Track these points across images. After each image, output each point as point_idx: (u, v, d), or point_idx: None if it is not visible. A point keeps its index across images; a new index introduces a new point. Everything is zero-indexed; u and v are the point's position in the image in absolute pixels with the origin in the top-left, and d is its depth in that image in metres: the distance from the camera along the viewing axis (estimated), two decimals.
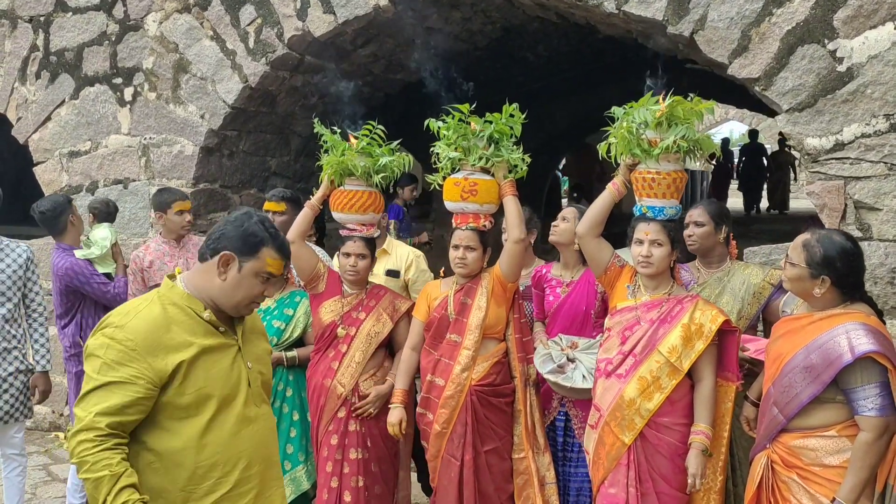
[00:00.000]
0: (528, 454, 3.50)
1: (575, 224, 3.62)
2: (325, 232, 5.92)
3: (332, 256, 4.45)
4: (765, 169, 15.72)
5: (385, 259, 4.32)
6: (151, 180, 5.96)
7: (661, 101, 3.05)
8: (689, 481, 2.92)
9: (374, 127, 3.70)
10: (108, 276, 4.75)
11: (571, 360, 3.49)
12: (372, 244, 3.77)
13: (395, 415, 3.55)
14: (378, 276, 4.17)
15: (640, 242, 3.06)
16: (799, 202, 18.10)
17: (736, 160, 17.35)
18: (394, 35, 5.74)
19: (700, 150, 3.09)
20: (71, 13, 6.19)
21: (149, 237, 5.92)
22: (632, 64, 8.60)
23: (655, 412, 2.96)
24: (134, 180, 6.04)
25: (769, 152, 16.17)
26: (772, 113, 4.44)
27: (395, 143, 3.70)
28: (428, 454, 3.59)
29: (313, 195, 3.82)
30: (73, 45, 6.20)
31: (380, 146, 3.69)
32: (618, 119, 3.18)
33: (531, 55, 7.75)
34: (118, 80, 6.05)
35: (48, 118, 6.37)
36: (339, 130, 3.78)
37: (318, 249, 4.35)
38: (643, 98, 3.13)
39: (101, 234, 4.76)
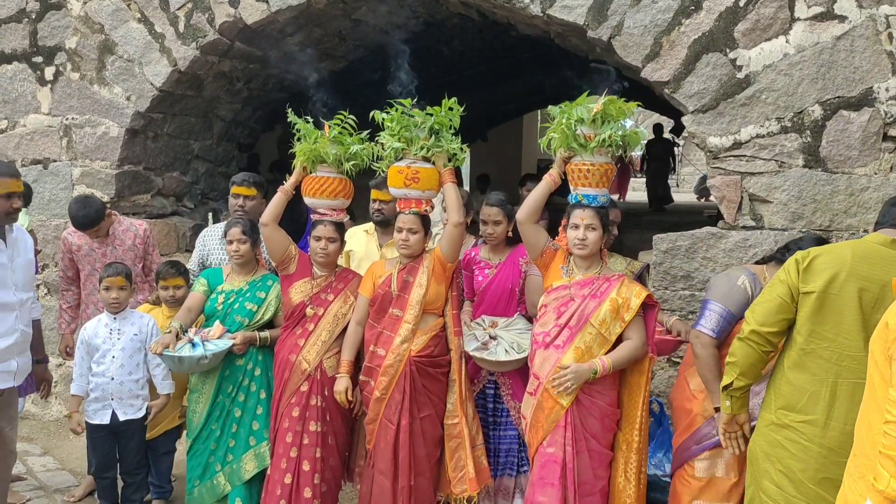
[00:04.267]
0: (461, 420, 3.79)
1: (507, 225, 4.02)
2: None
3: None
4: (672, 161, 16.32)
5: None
6: (74, 161, 5.92)
7: (597, 100, 3.41)
8: (560, 372, 3.32)
9: (345, 117, 3.89)
10: None
11: (493, 338, 3.83)
12: (341, 228, 3.97)
13: (342, 383, 3.78)
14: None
15: (576, 227, 3.41)
16: (680, 195, 19.24)
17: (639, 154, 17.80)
18: (323, 25, 5.93)
19: (629, 144, 3.47)
20: None
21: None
22: (539, 60, 9.09)
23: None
24: (55, 160, 5.98)
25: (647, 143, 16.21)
26: (667, 112, 4.89)
27: (365, 132, 3.90)
28: (367, 418, 3.83)
29: (286, 180, 3.98)
30: None
31: (350, 135, 3.89)
32: (555, 117, 3.52)
33: (446, 49, 8.04)
34: (38, 59, 5.96)
35: None
36: (311, 119, 3.95)
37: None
38: (580, 98, 3.48)
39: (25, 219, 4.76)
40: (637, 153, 17.70)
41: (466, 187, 14.17)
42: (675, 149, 16.66)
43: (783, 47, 4.32)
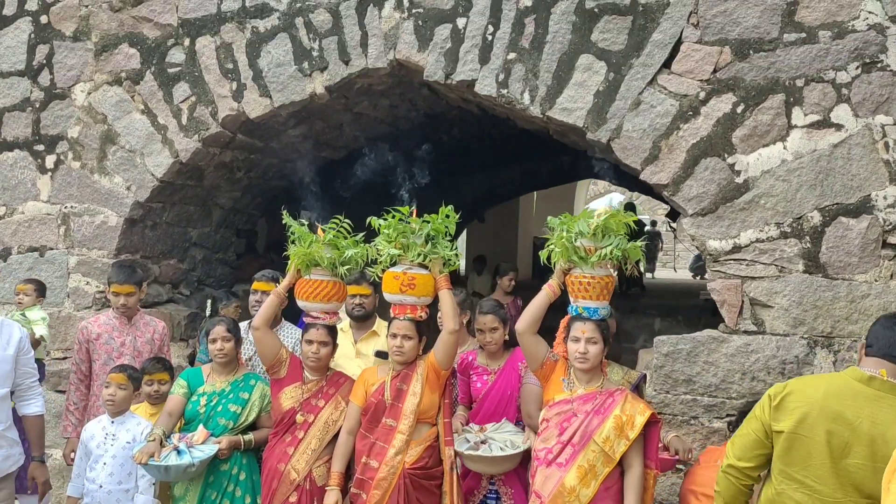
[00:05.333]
0: None
1: (504, 330, 4.00)
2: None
3: None
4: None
5: (374, 340, 4.46)
6: (71, 249, 5.89)
7: (596, 215, 3.42)
8: None
9: (340, 220, 3.89)
10: None
11: (483, 442, 3.76)
12: (334, 332, 3.94)
13: (331, 497, 3.67)
14: (367, 356, 4.30)
15: (577, 340, 3.37)
16: (664, 272, 19.34)
17: None
18: (324, 118, 5.99)
19: (629, 257, 3.46)
20: None
21: (63, 307, 5.85)
22: (533, 147, 9.20)
23: (592, 498, 3.24)
24: (51, 248, 5.95)
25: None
26: (648, 190, 4.87)
27: (360, 235, 3.89)
28: None
29: (279, 282, 3.96)
30: None
31: (345, 238, 3.88)
32: (554, 229, 3.52)
33: (446, 137, 8.15)
34: (40, 147, 6.00)
35: None
36: (306, 223, 3.95)
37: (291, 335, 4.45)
38: (582, 212, 3.49)
39: (41, 315, 4.72)
40: None
41: (463, 266, 14.22)
42: (669, 227, 16.84)
43: (781, 153, 4.37)
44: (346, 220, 3.91)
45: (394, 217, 3.74)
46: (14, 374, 3.75)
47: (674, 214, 14.71)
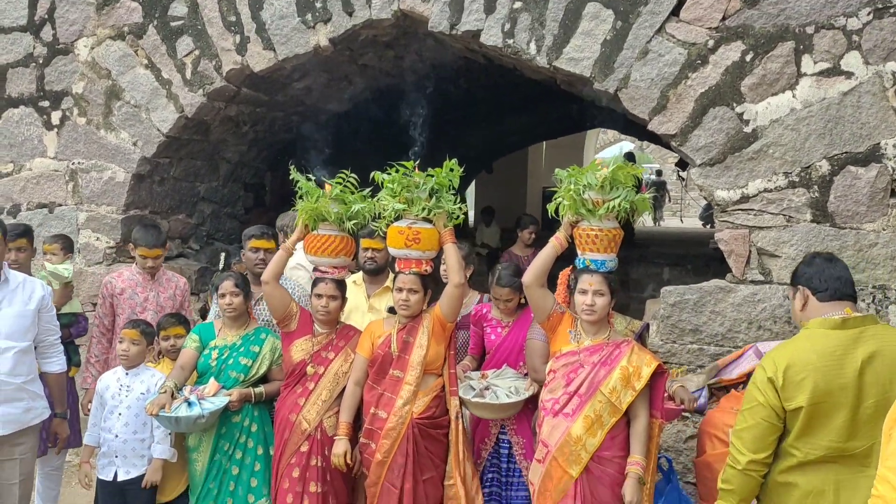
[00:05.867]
0: (457, 481, 3.76)
1: (518, 298, 4.00)
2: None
3: None
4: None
5: (388, 296, 4.49)
6: (80, 205, 5.92)
7: (604, 166, 3.41)
8: None
9: (347, 175, 3.89)
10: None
11: (487, 388, 3.81)
12: (343, 286, 3.96)
13: (340, 446, 3.75)
14: (380, 311, 4.35)
15: (584, 292, 3.39)
16: (686, 221, 19.33)
17: None
18: (329, 70, 5.94)
19: (637, 209, 3.46)
20: None
21: (74, 262, 5.89)
22: (541, 96, 9.11)
23: (599, 447, 3.29)
24: (60, 205, 5.98)
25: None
26: (657, 139, 4.82)
27: (367, 190, 3.89)
28: (368, 481, 3.79)
29: (287, 237, 3.97)
30: None
31: (352, 193, 3.88)
32: (562, 181, 3.51)
33: (452, 87, 8.04)
34: (45, 104, 5.98)
35: None
36: (313, 177, 3.95)
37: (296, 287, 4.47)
38: (590, 164, 3.47)
39: (64, 266, 4.76)
40: None
41: (472, 217, 14.20)
42: (678, 176, 16.82)
43: (790, 102, 4.32)
44: (353, 175, 3.91)
45: (397, 171, 3.73)
46: (35, 329, 3.82)
47: (683, 163, 14.65)
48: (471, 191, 15.66)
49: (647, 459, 3.34)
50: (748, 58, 4.37)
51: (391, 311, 3.99)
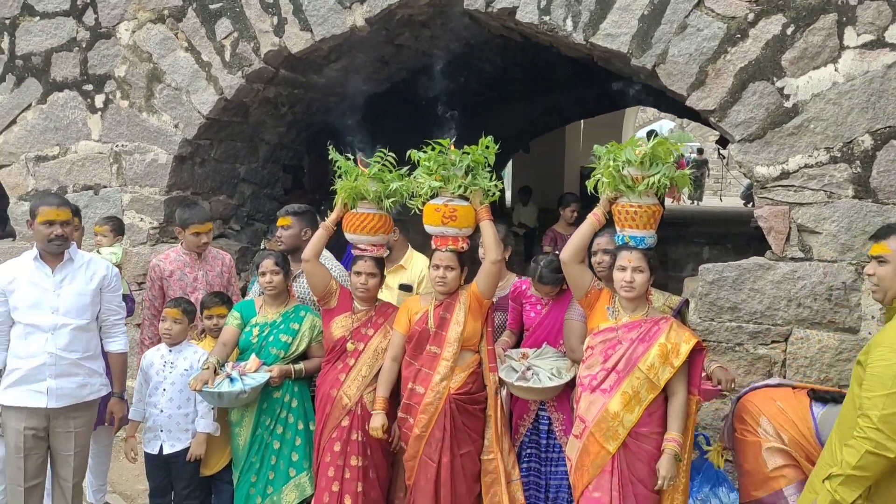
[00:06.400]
0: (497, 455, 3.80)
1: (560, 288, 3.99)
2: None
3: None
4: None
5: (401, 274, 4.54)
6: (124, 187, 6.05)
7: (643, 142, 3.39)
8: (660, 482, 3.28)
9: (384, 154, 3.92)
10: None
11: (529, 369, 3.83)
12: (381, 263, 4.01)
13: (377, 419, 3.80)
14: (392, 288, 4.39)
15: (623, 269, 3.38)
16: (726, 200, 19.08)
17: None
18: (365, 51, 5.96)
19: (677, 185, 3.44)
20: (38, 18, 6.21)
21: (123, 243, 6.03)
22: (579, 74, 9.03)
23: (636, 423, 3.30)
24: (105, 186, 6.12)
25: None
26: (698, 116, 4.76)
27: (405, 168, 3.93)
28: (406, 455, 3.86)
29: (328, 216, 4.03)
30: (40, 50, 6.22)
31: (390, 172, 3.92)
32: (600, 157, 3.50)
33: (488, 66, 8.04)
34: (88, 87, 6.10)
35: (13, 122, 6.37)
36: (352, 157, 3.98)
37: (335, 266, 4.52)
38: (629, 140, 3.46)
39: (112, 250, 4.87)
40: None
41: (508, 197, 14.18)
42: (719, 154, 16.62)
43: (832, 76, 4.24)
44: (391, 154, 3.94)
45: (433, 149, 3.76)
46: (96, 308, 3.95)
47: (724, 141, 14.44)
48: (508, 170, 15.60)
49: (684, 436, 3.34)
50: (789, 31, 4.29)
51: (403, 287, 4.01)
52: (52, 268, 3.84)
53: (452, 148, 3.75)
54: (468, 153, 3.74)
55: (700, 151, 22.05)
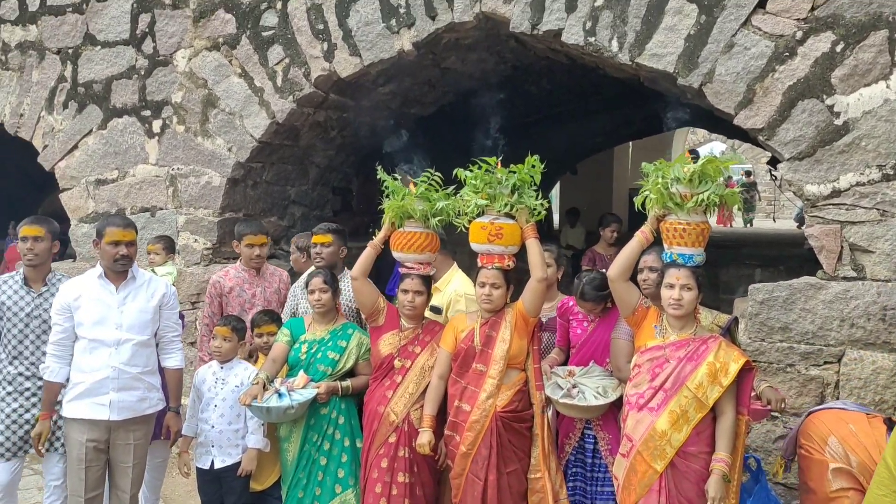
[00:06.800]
0: (544, 474, 3.79)
1: (603, 306, 3.99)
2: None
3: None
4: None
5: (436, 295, 4.59)
6: (179, 209, 6.22)
7: (692, 160, 3.39)
8: (709, 503, 3.24)
9: (431, 174, 3.99)
10: None
11: (574, 386, 3.83)
12: (428, 282, 4.07)
13: (425, 436, 3.83)
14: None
15: (671, 286, 3.37)
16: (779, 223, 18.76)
17: None
18: (413, 75, 6.07)
19: (726, 203, 3.43)
20: (99, 47, 6.46)
21: (176, 262, 6.20)
22: (627, 95, 9.03)
23: (684, 442, 3.27)
24: (161, 208, 6.30)
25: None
26: (748, 137, 4.74)
27: (451, 188, 3.99)
28: (452, 473, 3.87)
29: (375, 235, 4.10)
30: (101, 78, 6.47)
31: (436, 191, 3.98)
32: (648, 174, 3.50)
33: (535, 88, 8.10)
34: (146, 113, 6.32)
35: (75, 147, 6.62)
36: (399, 177, 4.06)
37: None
38: (678, 157, 3.46)
39: (168, 270, 5.00)
40: None
41: (556, 219, 14.17)
42: (772, 176, 16.42)
43: (883, 93, 4.18)
44: (437, 174, 4.00)
45: (480, 168, 3.80)
46: (155, 324, 4.10)
47: (776, 162, 14.23)
48: (556, 192, 15.60)
49: (733, 457, 3.30)
50: (839, 48, 4.25)
51: (433, 309, 4.03)
52: (115, 286, 3.99)
53: (499, 166, 3.79)
54: (514, 172, 3.78)
55: (749, 174, 21.78)
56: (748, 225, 19.35)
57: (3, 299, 4.20)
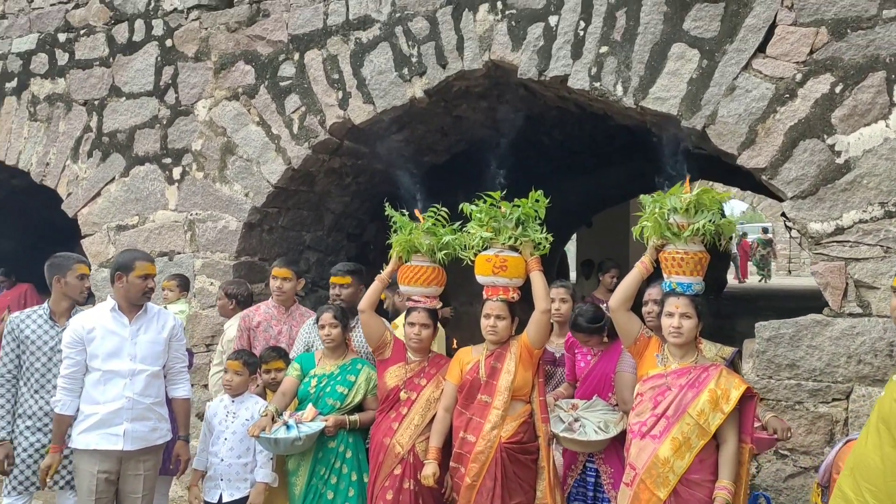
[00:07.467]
0: None
1: (599, 339, 4.10)
2: None
3: None
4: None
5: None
6: (196, 253, 6.36)
7: (688, 189, 3.47)
8: None
9: (438, 209, 4.10)
10: None
11: (577, 420, 3.84)
12: (434, 315, 4.14)
13: (430, 468, 3.85)
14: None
15: (671, 315, 3.41)
16: (798, 280, 18.66)
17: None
18: (425, 122, 6.24)
19: (723, 232, 3.49)
20: (124, 98, 6.71)
21: (191, 306, 6.30)
22: (640, 147, 9.16)
23: (686, 470, 3.27)
24: (179, 252, 6.44)
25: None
26: (770, 193, 4.85)
27: (457, 223, 4.09)
28: None
29: (383, 270, 4.20)
30: (125, 127, 6.69)
31: (443, 226, 4.09)
32: (646, 206, 3.59)
33: (546, 139, 8.24)
34: (167, 160, 6.51)
35: (98, 194, 6.82)
36: (406, 213, 4.17)
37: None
38: (673, 187, 3.54)
39: (180, 308, 5.12)
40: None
41: (573, 274, 14.21)
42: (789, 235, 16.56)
43: (883, 132, 4.26)
44: (444, 209, 4.10)
45: (485, 202, 3.90)
46: (166, 355, 4.21)
47: None
48: (572, 244, 15.67)
49: (736, 485, 3.29)
50: (838, 89, 4.36)
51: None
52: (129, 318, 4.08)
53: (503, 201, 3.89)
54: (518, 206, 3.88)
55: (765, 230, 21.84)
56: (763, 280, 19.31)
57: (27, 333, 4.30)
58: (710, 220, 3.40)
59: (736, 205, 32.25)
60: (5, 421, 4.23)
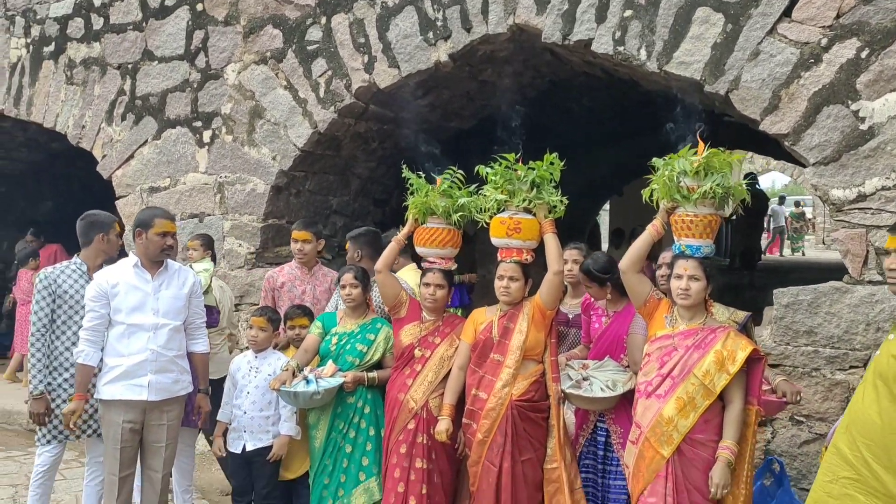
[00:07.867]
0: (560, 464, 3.86)
1: (604, 292, 4.14)
2: None
3: None
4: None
5: None
6: (225, 215, 6.50)
7: (697, 152, 3.47)
8: (712, 490, 3.27)
9: (454, 171, 4.15)
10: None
11: (585, 379, 3.90)
12: (450, 276, 4.21)
13: (443, 424, 3.94)
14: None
15: (680, 277, 3.44)
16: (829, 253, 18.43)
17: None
18: (450, 87, 6.26)
19: (733, 195, 3.49)
20: (156, 62, 6.82)
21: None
22: (671, 116, 9.08)
23: (691, 429, 3.31)
24: (209, 214, 6.58)
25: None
26: (800, 164, 4.81)
27: (473, 186, 4.13)
28: (469, 461, 3.97)
29: (399, 231, 4.28)
30: (157, 91, 6.82)
31: (459, 189, 4.14)
32: (658, 169, 3.60)
33: (576, 106, 8.21)
34: (198, 124, 6.63)
35: (131, 156, 6.97)
36: (423, 175, 4.23)
37: (406, 281, 4.75)
38: (682, 150, 3.55)
39: (204, 266, 5.26)
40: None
41: (605, 242, 14.18)
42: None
43: None
44: (460, 171, 4.15)
45: (500, 164, 3.94)
46: (187, 311, 4.33)
47: None
48: (605, 212, 15.62)
49: (741, 446, 3.32)
50: (864, 54, 4.29)
51: None
52: (151, 274, 4.21)
53: (519, 163, 3.93)
54: (533, 168, 3.91)
55: (797, 204, 21.61)
56: (796, 253, 19.13)
57: (65, 287, 4.43)
58: (718, 183, 3.40)
59: (777, 177, 31.76)
60: (43, 374, 4.37)
